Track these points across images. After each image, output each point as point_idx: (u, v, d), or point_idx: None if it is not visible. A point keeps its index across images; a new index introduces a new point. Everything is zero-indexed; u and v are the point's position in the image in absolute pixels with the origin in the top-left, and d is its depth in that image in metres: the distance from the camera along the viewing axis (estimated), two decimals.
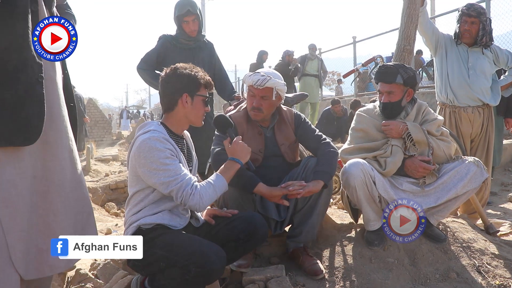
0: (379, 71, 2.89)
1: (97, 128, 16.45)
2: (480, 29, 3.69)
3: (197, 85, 2.22)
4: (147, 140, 2.07)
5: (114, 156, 12.11)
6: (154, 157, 2.04)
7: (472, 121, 3.80)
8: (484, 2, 7.70)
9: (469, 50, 3.79)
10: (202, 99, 2.24)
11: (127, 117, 31.73)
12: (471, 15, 3.68)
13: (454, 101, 3.81)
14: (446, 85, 3.83)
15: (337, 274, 2.57)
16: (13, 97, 1.65)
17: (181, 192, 2.05)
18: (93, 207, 5.79)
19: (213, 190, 2.12)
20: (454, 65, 3.80)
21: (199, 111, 2.25)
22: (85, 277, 2.58)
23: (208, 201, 2.09)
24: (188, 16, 3.67)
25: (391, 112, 2.87)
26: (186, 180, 2.06)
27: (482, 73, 3.74)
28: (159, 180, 2.05)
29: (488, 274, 2.58)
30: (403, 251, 2.71)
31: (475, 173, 2.70)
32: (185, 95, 2.20)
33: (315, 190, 2.50)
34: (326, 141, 2.74)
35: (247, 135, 2.74)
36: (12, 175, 1.67)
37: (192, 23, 3.70)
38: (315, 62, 10.27)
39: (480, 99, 3.75)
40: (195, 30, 3.74)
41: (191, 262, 1.91)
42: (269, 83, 2.62)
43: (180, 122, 2.26)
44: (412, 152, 2.77)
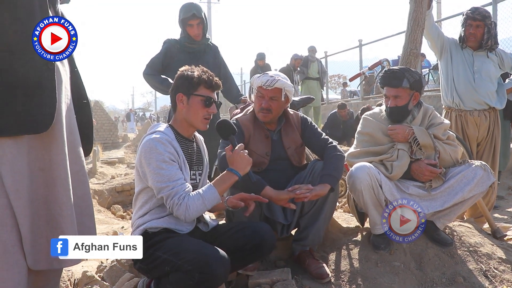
0: (385, 76, 2.89)
1: (103, 130, 16.51)
2: (485, 33, 3.68)
3: (192, 84, 2.17)
4: (150, 140, 2.09)
5: (120, 158, 12.15)
6: (152, 158, 2.05)
7: (478, 125, 3.79)
8: (491, 5, 7.68)
9: (474, 54, 3.77)
10: (200, 99, 2.19)
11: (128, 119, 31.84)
12: (476, 18, 3.67)
13: (460, 105, 3.79)
14: (452, 89, 3.82)
15: (343, 278, 2.56)
16: (24, 84, 1.68)
17: (169, 200, 2.04)
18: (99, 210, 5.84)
19: (202, 202, 2.05)
20: (460, 69, 3.78)
21: (196, 111, 2.19)
22: (91, 279, 2.59)
23: (194, 212, 2.05)
24: (193, 19, 3.68)
25: (398, 116, 2.86)
26: (177, 189, 2.03)
27: (487, 77, 3.73)
28: (153, 184, 2.06)
29: (495, 278, 2.57)
30: (409, 255, 2.70)
31: (482, 177, 2.69)
32: (180, 95, 2.19)
33: (321, 193, 2.50)
34: (332, 145, 2.74)
35: (254, 138, 2.74)
36: (23, 167, 1.71)
37: (196, 27, 3.72)
38: (316, 65, 10.27)
39: (486, 102, 3.74)
40: (199, 34, 3.75)
41: (195, 268, 1.91)
42: (278, 84, 2.63)
43: (183, 123, 2.25)
44: (419, 156, 2.77)
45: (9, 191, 1.67)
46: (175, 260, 1.97)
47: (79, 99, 2.01)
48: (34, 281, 1.82)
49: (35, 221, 1.75)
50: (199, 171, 2.36)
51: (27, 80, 1.68)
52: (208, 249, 1.99)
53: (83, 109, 2.03)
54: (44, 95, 1.72)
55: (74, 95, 1.97)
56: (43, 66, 1.71)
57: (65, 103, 1.85)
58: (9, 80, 1.65)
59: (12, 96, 1.66)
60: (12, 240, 1.69)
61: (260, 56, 10.15)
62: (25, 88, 1.68)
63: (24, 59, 1.67)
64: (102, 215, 5.49)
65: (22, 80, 1.67)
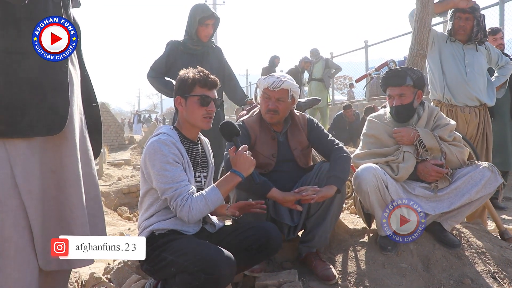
0: (387, 76, 2.89)
1: (109, 132, 16.52)
2: (474, 25, 3.62)
3: (188, 85, 2.20)
4: (154, 142, 2.11)
5: (127, 160, 12.16)
6: (157, 159, 2.07)
7: (468, 122, 3.71)
8: (497, 5, 7.64)
9: (464, 47, 3.71)
10: (197, 99, 2.20)
11: (138, 121, 31.91)
12: (466, 11, 3.60)
13: (451, 100, 3.70)
14: (442, 84, 3.72)
15: (350, 279, 2.55)
16: (38, 86, 1.70)
17: (173, 201, 2.06)
18: (106, 211, 5.85)
19: (205, 203, 2.07)
20: (451, 63, 3.71)
21: (194, 112, 2.21)
22: (98, 281, 2.60)
23: (197, 214, 2.07)
24: (211, 19, 3.71)
25: (404, 115, 2.85)
26: (180, 190, 2.05)
27: (480, 70, 3.67)
28: (157, 185, 2.08)
29: (503, 280, 2.55)
30: (416, 257, 2.69)
31: (490, 179, 2.67)
32: (178, 98, 2.23)
33: (328, 195, 2.50)
34: (339, 146, 2.74)
35: (260, 140, 2.74)
36: (36, 168, 1.73)
37: (211, 27, 3.75)
38: (319, 65, 10.21)
39: (478, 98, 3.66)
40: (209, 35, 3.77)
41: (200, 269, 1.91)
42: (285, 85, 2.63)
43: (185, 125, 2.28)
44: (425, 157, 2.76)
45: (22, 192, 1.69)
46: (181, 262, 1.97)
47: (89, 103, 2.03)
48: (43, 282, 1.84)
49: (46, 222, 1.77)
50: (204, 173, 2.37)
51: (41, 82, 1.70)
52: (214, 250, 2.00)
53: (92, 112, 2.05)
54: (58, 97, 1.74)
55: (84, 98, 1.99)
56: (57, 68, 1.73)
57: (76, 105, 1.87)
58: (23, 82, 1.67)
59: (26, 97, 1.68)
60: (24, 241, 1.71)
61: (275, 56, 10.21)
62: (38, 89, 1.70)
63: (38, 61, 1.69)
64: (108, 217, 5.50)
65: (36, 82, 1.70)
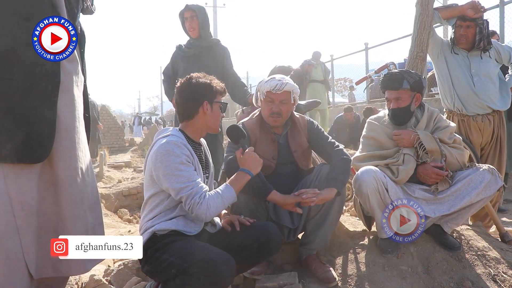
0: (384, 79, 2.89)
1: (109, 134, 16.51)
2: (476, 33, 3.45)
3: (214, 92, 2.29)
4: (165, 144, 2.12)
5: (127, 162, 12.15)
6: (170, 161, 2.07)
7: (482, 130, 3.59)
8: (497, 8, 7.63)
9: (469, 55, 3.55)
10: (219, 105, 2.32)
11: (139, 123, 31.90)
12: (466, 18, 3.46)
13: (462, 110, 3.59)
14: (452, 94, 3.61)
15: (350, 282, 2.55)
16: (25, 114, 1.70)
17: (189, 199, 2.07)
18: (106, 213, 5.84)
19: (221, 200, 2.13)
20: (458, 72, 3.57)
21: (217, 117, 2.33)
22: (98, 283, 2.60)
23: (215, 211, 2.11)
24: (187, 11, 3.76)
25: (401, 117, 2.86)
26: (197, 189, 2.08)
27: (487, 78, 3.51)
28: (171, 185, 2.08)
29: (504, 283, 2.54)
30: (417, 259, 2.69)
31: (490, 181, 2.67)
32: (205, 103, 2.26)
33: (328, 197, 2.50)
34: (339, 148, 2.74)
35: (260, 142, 2.75)
36: (27, 181, 1.74)
37: (190, 19, 3.76)
38: (319, 68, 10.29)
39: (489, 106, 3.53)
40: (195, 29, 3.78)
41: (200, 270, 1.92)
42: (287, 87, 2.65)
43: (199, 129, 2.32)
44: (425, 159, 2.76)
45: (12, 201, 1.70)
46: (182, 263, 1.98)
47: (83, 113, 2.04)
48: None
49: (41, 232, 1.78)
50: (206, 174, 2.39)
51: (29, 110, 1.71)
52: (214, 252, 2.01)
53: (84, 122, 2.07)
54: (44, 125, 1.74)
55: None
56: (45, 96, 1.74)
57: (78, 118, 1.88)
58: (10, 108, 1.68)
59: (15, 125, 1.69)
60: (15, 247, 1.71)
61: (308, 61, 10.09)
62: (26, 117, 1.70)
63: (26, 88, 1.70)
64: (109, 219, 5.49)
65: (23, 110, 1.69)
